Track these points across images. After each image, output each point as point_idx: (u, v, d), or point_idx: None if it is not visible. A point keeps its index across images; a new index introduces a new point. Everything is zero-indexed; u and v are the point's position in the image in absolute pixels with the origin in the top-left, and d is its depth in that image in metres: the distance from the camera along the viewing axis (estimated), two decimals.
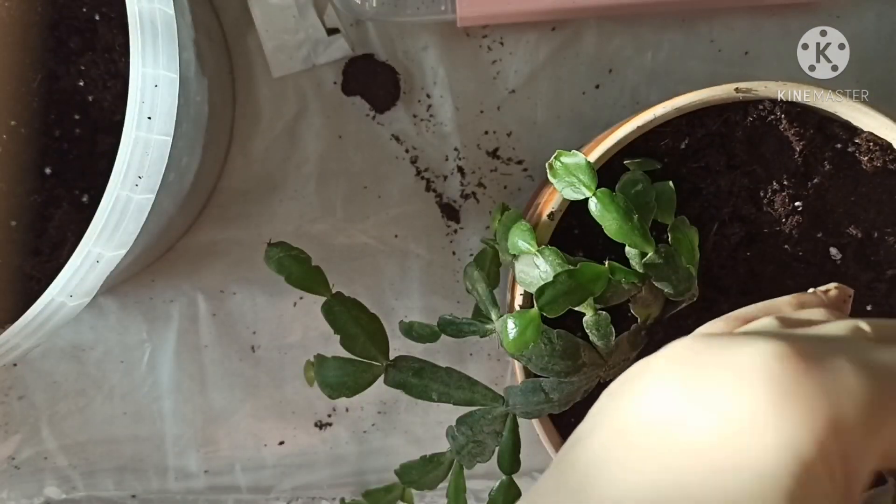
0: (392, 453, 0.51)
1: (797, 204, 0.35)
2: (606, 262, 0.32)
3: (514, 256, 0.34)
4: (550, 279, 0.31)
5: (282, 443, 0.51)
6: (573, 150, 0.33)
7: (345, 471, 0.51)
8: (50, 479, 0.51)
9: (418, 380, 0.35)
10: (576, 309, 0.33)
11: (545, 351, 0.33)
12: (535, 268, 0.32)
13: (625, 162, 0.34)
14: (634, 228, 0.31)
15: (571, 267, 0.31)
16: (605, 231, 0.32)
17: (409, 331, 0.37)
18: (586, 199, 0.32)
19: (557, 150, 0.33)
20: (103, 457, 0.51)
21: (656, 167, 0.35)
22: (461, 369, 0.49)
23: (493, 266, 0.38)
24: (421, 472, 0.37)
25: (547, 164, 0.33)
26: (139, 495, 0.52)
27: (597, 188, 0.32)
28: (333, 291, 0.34)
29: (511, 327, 0.31)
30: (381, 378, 0.35)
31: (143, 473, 0.51)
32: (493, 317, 0.36)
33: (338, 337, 0.34)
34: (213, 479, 0.51)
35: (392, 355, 0.35)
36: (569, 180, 0.32)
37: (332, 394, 0.34)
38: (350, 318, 0.34)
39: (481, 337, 0.36)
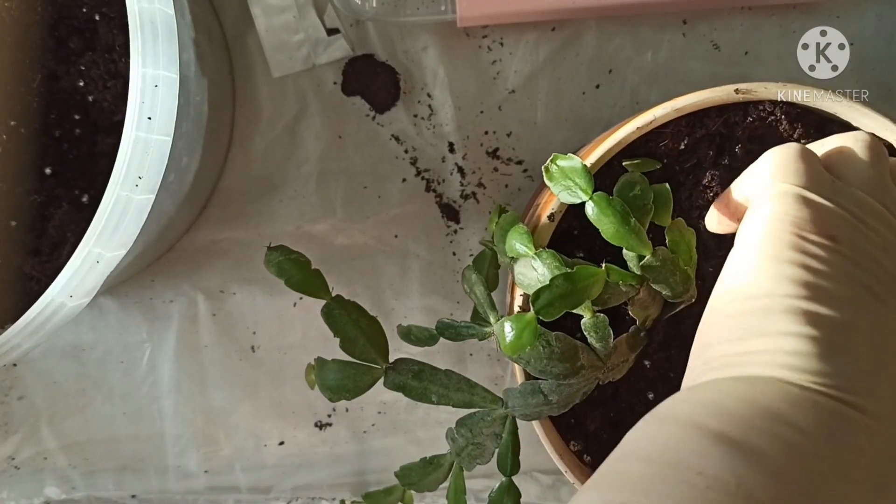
0: (392, 453, 0.51)
1: None
2: (603, 265, 0.32)
3: (513, 259, 0.34)
4: (547, 282, 0.31)
5: (282, 443, 0.51)
6: (569, 154, 0.33)
7: (345, 471, 0.51)
8: (50, 479, 0.51)
9: (418, 382, 0.35)
10: (574, 311, 0.33)
11: (543, 353, 0.33)
12: (532, 270, 0.32)
13: (623, 163, 0.34)
14: (631, 231, 0.31)
15: (568, 270, 0.31)
16: (603, 234, 0.32)
17: (408, 335, 0.37)
18: (583, 203, 0.32)
19: (553, 154, 0.33)
20: (103, 457, 0.51)
21: (656, 167, 0.35)
22: (461, 369, 0.49)
23: (491, 268, 0.38)
24: (421, 473, 0.37)
25: (543, 168, 0.33)
26: (139, 495, 0.52)
27: (594, 191, 0.32)
28: (333, 294, 0.34)
29: (508, 331, 0.31)
30: (381, 380, 0.35)
31: (143, 473, 0.51)
32: (492, 320, 0.36)
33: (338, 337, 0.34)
34: (213, 479, 0.51)
35: (392, 355, 0.35)
36: (565, 184, 0.32)
37: (333, 397, 0.34)
38: (350, 321, 0.34)
39: (479, 340, 0.36)
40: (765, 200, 0.28)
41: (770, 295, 0.26)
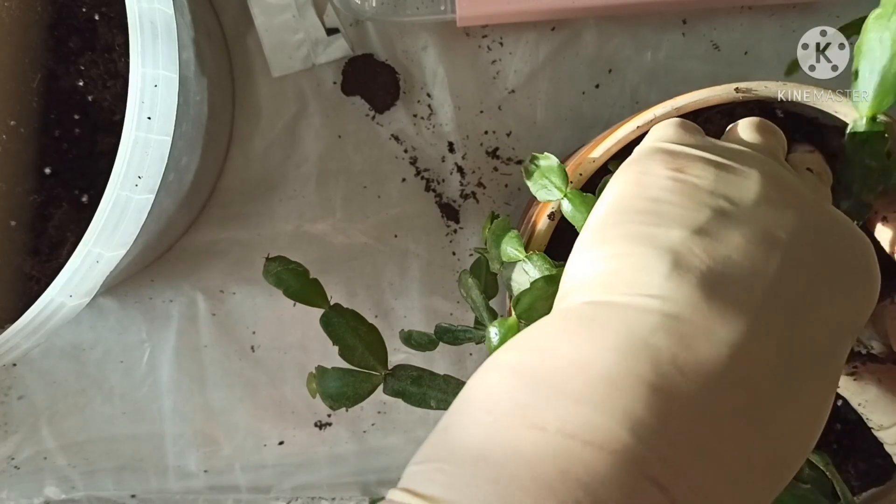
0: (392, 453, 0.51)
1: None
2: None
3: (503, 265, 0.34)
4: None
5: (282, 443, 0.51)
6: (546, 153, 0.33)
7: (345, 470, 0.51)
8: (50, 479, 0.51)
9: (417, 388, 0.35)
10: None
11: None
12: (524, 274, 0.33)
13: (608, 165, 0.34)
14: None
15: (549, 273, 0.31)
16: (578, 231, 0.32)
17: (409, 339, 0.38)
18: (559, 201, 0.32)
19: (531, 153, 0.33)
20: (103, 457, 0.51)
21: None
22: (461, 369, 0.50)
23: (489, 274, 0.38)
24: None
25: (523, 167, 0.33)
26: (139, 495, 0.52)
27: (583, 190, 0.32)
28: (332, 302, 0.35)
29: (493, 335, 0.31)
30: (381, 387, 0.35)
31: (142, 473, 0.51)
32: (488, 323, 0.36)
33: None
34: (213, 478, 0.51)
35: (392, 354, 0.35)
36: (542, 182, 0.33)
37: (333, 404, 0.34)
38: (348, 329, 0.34)
39: (477, 343, 0.36)
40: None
41: (607, 225, 0.26)
